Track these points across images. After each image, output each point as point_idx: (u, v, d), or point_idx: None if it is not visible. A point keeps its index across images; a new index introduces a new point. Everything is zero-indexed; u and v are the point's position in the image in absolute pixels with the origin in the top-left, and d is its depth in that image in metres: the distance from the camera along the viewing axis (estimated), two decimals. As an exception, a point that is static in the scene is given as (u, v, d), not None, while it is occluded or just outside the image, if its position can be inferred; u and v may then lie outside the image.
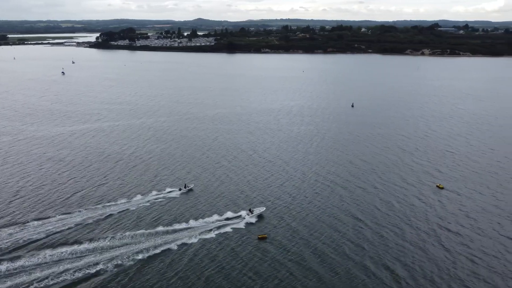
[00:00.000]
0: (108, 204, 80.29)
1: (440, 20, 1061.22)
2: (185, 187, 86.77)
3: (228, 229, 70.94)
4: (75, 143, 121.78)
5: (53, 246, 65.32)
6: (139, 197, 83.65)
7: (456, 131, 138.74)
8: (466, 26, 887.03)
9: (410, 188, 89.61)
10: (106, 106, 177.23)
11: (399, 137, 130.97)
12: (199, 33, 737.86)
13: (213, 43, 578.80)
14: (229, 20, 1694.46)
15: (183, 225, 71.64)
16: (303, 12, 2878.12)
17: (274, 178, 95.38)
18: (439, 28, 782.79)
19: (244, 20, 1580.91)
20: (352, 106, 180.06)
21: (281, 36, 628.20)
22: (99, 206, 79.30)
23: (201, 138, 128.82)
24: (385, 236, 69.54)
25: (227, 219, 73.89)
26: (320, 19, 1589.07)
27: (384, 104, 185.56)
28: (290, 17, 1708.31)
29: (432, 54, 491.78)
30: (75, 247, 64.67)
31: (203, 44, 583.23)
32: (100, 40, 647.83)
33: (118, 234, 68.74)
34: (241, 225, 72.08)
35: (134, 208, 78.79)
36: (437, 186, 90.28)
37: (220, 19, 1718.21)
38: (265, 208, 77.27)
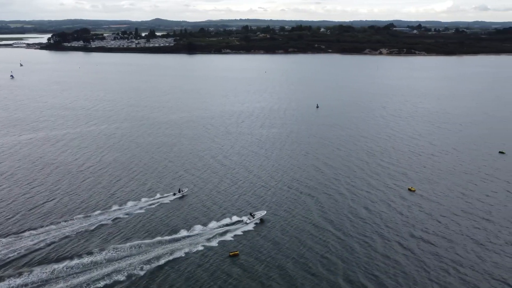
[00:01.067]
0: (100, 212, 77.11)
1: (394, 20, 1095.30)
2: (179, 192, 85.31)
3: (231, 235, 69.35)
4: (24, 153, 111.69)
5: (45, 261, 61.35)
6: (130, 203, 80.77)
7: (418, 131, 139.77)
8: (419, 26, 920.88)
9: (383, 193, 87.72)
10: (59, 112, 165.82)
11: (365, 138, 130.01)
12: (158, 34, 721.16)
13: (172, 44, 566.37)
14: (188, 20, 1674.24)
15: (184, 233, 69.21)
16: (262, 12, 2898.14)
17: (245, 185, 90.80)
18: (394, 28, 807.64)
19: (203, 20, 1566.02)
20: (317, 107, 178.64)
21: (241, 37, 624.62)
22: (93, 214, 76.22)
23: (164, 144, 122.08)
24: (358, 248, 66.50)
25: (228, 224, 72.38)
26: (279, 19, 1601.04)
27: (348, 105, 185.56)
28: (249, 17, 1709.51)
29: (390, 53, 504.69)
30: (67, 262, 60.80)
31: (162, 44, 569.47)
32: (52, 41, 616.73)
33: (111, 246, 65.07)
34: (246, 229, 71.07)
35: (127, 216, 75.77)
36: (409, 189, 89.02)
37: (178, 19, 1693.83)
38: (266, 212, 76.37)
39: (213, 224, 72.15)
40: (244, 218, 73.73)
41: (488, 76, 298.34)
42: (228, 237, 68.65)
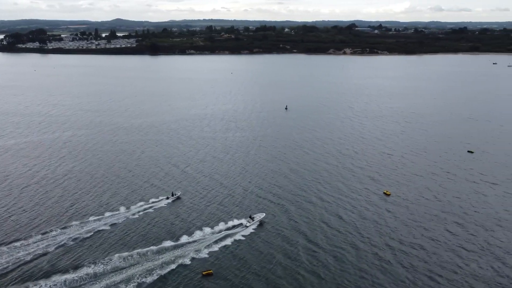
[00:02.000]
0: (94, 219, 74.56)
1: (355, 21, 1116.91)
2: (172, 195, 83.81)
3: (232, 239, 68.12)
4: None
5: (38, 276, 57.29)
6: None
7: (386, 131, 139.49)
8: (380, 26, 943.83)
9: (358, 197, 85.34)
10: (11, 119, 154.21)
11: (336, 140, 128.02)
12: (119, 34, 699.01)
13: (134, 45, 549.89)
14: (150, 20, 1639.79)
15: (185, 239, 67.32)
16: (225, 12, 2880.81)
17: (215, 194, 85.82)
18: (356, 28, 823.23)
19: (166, 20, 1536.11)
20: (286, 108, 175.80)
21: (206, 37, 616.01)
22: (87, 221, 73.83)
23: (124, 152, 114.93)
24: (332, 263, 63.35)
25: (228, 228, 71.06)
26: (242, 19, 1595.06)
27: (316, 106, 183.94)
28: (213, 18, 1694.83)
29: (353, 53, 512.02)
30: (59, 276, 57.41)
31: (123, 45, 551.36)
32: (5, 42, 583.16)
33: (116, 255, 62.54)
34: (246, 232, 70.02)
35: (121, 221, 73.75)
36: (384, 193, 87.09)
37: (140, 19, 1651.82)
38: (265, 214, 75.50)
39: (212, 229, 70.81)
40: (244, 221, 72.76)
41: (449, 75, 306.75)
42: (229, 241, 67.33)
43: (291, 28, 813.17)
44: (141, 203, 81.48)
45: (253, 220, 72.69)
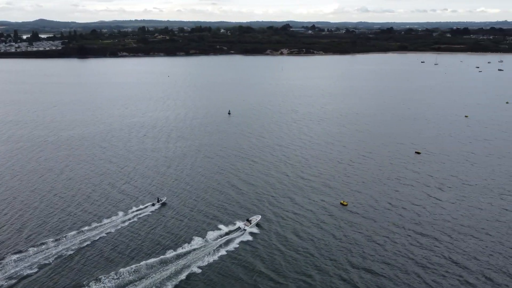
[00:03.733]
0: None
1: (289, 21, 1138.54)
2: (158, 201, 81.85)
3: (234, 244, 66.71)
4: None
5: None
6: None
7: (333, 135, 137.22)
8: (313, 26, 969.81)
9: (316, 210, 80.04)
10: None
11: (284, 147, 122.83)
12: (42, 36, 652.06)
13: (60, 47, 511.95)
14: (77, 21, 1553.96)
15: (186, 248, 65.04)
16: (158, 13, 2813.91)
17: (160, 217, 76.18)
18: (291, 29, 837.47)
19: (95, 21, 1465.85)
20: (229, 113, 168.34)
21: (139, 38, 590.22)
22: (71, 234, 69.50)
23: (54, 171, 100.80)
24: (299, 285, 57.39)
25: (227, 233, 69.72)
26: (176, 20, 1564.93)
27: (260, 109, 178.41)
28: (145, 18, 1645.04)
29: (290, 53, 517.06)
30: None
31: (48, 48, 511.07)
32: None
33: (112, 272, 58.67)
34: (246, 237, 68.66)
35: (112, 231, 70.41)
36: (341, 203, 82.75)
37: (66, 20, 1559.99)
38: (260, 216, 74.89)
39: (210, 235, 69.22)
40: (241, 225, 71.56)
41: (384, 74, 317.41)
42: (231, 247, 65.97)
43: (227, 28, 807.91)
44: (73, 232, 69.81)
45: (250, 223, 71.91)
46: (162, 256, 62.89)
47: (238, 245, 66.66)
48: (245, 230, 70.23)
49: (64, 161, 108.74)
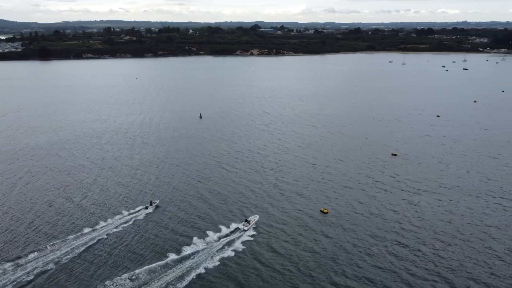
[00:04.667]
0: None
1: (257, 22, 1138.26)
2: (151, 204, 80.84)
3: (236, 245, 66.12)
4: None
5: None
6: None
7: (305, 138, 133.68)
8: (282, 27, 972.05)
9: (295, 219, 75.85)
10: None
11: (257, 152, 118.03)
12: (1, 37, 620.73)
13: (20, 49, 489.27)
14: (38, 21, 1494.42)
15: (186, 252, 63.70)
16: (124, 13, 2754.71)
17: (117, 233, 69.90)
18: (260, 29, 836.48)
19: (58, 21, 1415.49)
20: (200, 117, 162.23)
21: (104, 39, 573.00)
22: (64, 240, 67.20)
23: (5, 185, 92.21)
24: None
25: (227, 235, 69.01)
26: (143, 20, 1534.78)
27: (232, 112, 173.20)
28: (111, 19, 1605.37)
29: (261, 54, 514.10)
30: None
31: (6, 50, 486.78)
32: None
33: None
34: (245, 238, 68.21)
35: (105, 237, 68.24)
36: (321, 211, 79.05)
37: (27, 21, 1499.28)
38: (258, 217, 75.04)
39: (210, 237, 68.56)
40: (240, 226, 71.21)
41: (353, 74, 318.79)
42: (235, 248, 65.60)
43: (196, 29, 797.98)
44: (35, 254, 62.59)
45: (249, 224, 71.61)
46: (159, 262, 61.32)
47: (239, 247, 66.24)
48: (245, 230, 70.11)
49: (17, 173, 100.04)
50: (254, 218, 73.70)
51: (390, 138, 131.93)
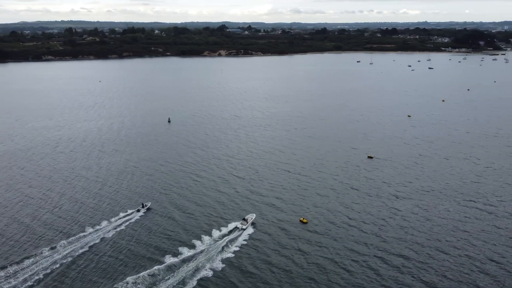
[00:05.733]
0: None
1: (224, 22, 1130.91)
2: (143, 207, 79.91)
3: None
4: None
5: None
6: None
7: (279, 140, 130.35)
8: (249, 27, 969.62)
9: (274, 230, 71.68)
10: None
11: (229, 159, 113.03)
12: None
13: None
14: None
15: (187, 253, 62.98)
16: (86, 13, 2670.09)
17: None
18: (227, 30, 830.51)
19: (15, 22, 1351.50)
20: (169, 121, 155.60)
21: (65, 40, 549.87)
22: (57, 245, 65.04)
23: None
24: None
25: (225, 235, 68.68)
26: (106, 20, 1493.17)
27: (202, 116, 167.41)
28: (72, 19, 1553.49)
29: (229, 54, 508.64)
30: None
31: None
32: None
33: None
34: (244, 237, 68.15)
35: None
36: (300, 220, 75.31)
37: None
38: (255, 215, 75.07)
39: (208, 237, 68.25)
40: (238, 225, 71.32)
41: (322, 74, 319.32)
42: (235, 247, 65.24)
43: (161, 29, 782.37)
44: (29, 261, 55.38)
45: (247, 222, 71.79)
46: (157, 266, 60.02)
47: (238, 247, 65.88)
48: (244, 229, 70.22)
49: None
50: (251, 216, 74.32)
51: (364, 140, 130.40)
